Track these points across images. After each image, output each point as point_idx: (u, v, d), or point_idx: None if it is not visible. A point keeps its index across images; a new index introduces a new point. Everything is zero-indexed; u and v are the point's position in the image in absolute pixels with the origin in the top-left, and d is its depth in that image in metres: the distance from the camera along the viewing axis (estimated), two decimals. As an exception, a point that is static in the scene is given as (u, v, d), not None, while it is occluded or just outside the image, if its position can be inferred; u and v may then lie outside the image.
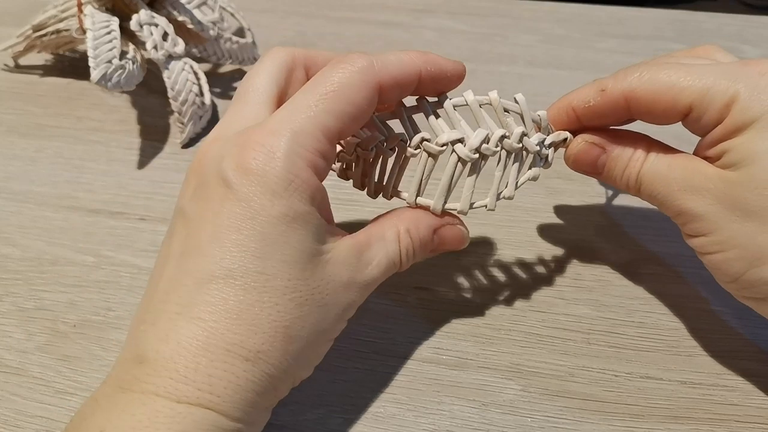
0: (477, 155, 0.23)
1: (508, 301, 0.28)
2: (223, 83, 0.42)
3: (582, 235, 0.31)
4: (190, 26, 0.38)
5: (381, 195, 0.25)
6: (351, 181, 0.25)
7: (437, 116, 0.23)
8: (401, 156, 0.24)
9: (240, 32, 0.44)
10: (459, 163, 0.23)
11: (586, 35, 0.47)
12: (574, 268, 0.30)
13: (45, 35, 0.40)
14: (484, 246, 0.31)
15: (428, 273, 0.29)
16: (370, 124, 0.24)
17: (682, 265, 0.30)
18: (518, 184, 0.24)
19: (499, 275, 0.29)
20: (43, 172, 0.35)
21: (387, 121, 0.24)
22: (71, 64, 0.44)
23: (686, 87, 0.22)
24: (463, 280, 0.29)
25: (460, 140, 0.23)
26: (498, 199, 0.24)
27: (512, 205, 0.33)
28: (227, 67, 0.44)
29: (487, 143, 0.23)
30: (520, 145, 0.23)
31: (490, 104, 0.23)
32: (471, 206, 0.24)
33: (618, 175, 0.24)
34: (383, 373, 0.26)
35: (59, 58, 0.44)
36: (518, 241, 0.31)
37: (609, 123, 0.25)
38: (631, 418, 0.24)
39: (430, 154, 0.23)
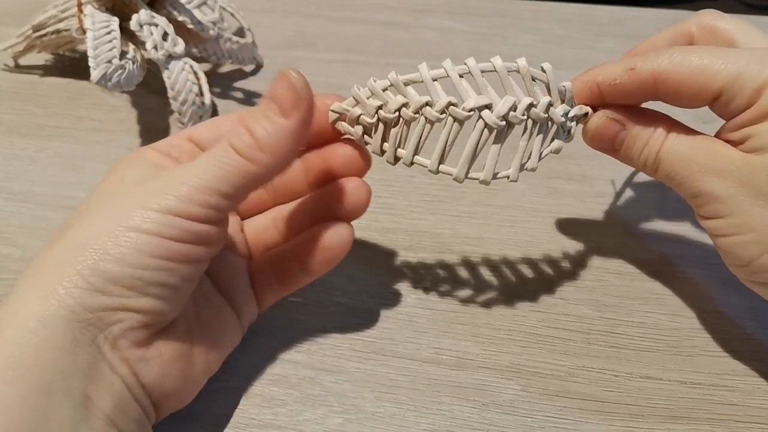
0: (504, 123, 0.22)
1: (508, 301, 0.28)
2: (223, 83, 0.42)
3: (582, 236, 0.31)
4: (190, 26, 0.38)
5: (401, 161, 0.24)
6: (369, 147, 0.24)
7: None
8: (425, 121, 0.23)
9: (240, 32, 0.44)
10: (485, 129, 0.22)
11: (586, 35, 0.47)
12: (575, 268, 0.30)
13: (45, 35, 0.40)
14: (484, 246, 0.31)
15: (428, 273, 0.29)
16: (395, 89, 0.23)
17: (683, 265, 0.30)
18: (541, 156, 0.24)
19: (500, 275, 0.29)
20: (43, 172, 0.35)
21: (410, 84, 0.23)
22: (71, 64, 0.44)
23: (718, 71, 0.22)
24: (463, 280, 0.29)
25: (488, 106, 0.22)
26: (521, 170, 0.23)
27: (512, 205, 0.33)
28: (227, 67, 0.44)
29: (515, 111, 0.22)
30: (546, 115, 0.23)
31: (518, 71, 0.23)
32: (494, 176, 0.23)
33: (636, 153, 0.24)
34: (383, 373, 0.26)
35: (59, 58, 0.44)
36: (519, 241, 0.31)
37: (633, 102, 0.24)
38: (631, 418, 0.24)
39: (456, 120, 0.22)
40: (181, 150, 0.24)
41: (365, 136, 0.24)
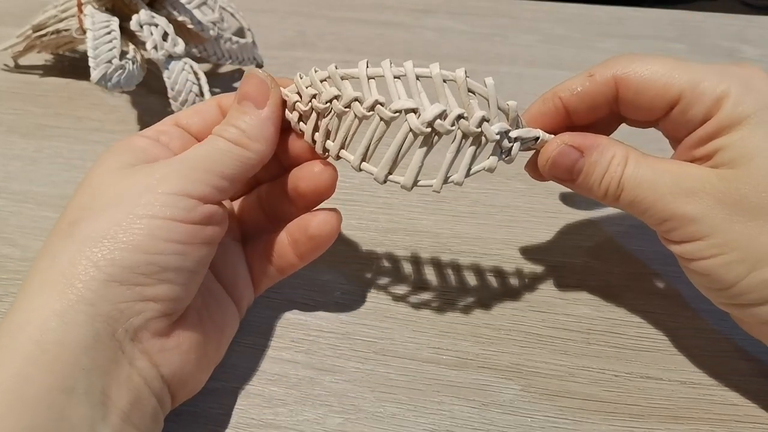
0: (429, 129, 0.22)
1: (508, 301, 0.28)
2: (223, 83, 0.42)
3: (582, 235, 0.31)
4: (190, 26, 0.38)
5: (329, 154, 0.24)
6: (304, 135, 0.25)
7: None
8: (354, 116, 0.23)
9: (240, 32, 0.44)
10: (410, 134, 0.22)
11: (586, 35, 0.47)
12: (575, 267, 0.30)
13: (45, 35, 0.40)
14: (484, 246, 0.31)
15: (428, 273, 0.29)
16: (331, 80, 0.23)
17: (682, 265, 0.30)
18: (470, 172, 0.23)
19: (499, 275, 0.29)
20: (43, 172, 0.35)
21: (348, 79, 0.23)
22: (71, 64, 0.44)
23: (678, 76, 0.22)
24: (462, 280, 0.29)
25: (414, 110, 0.22)
26: (446, 182, 0.23)
27: (512, 205, 0.33)
28: (227, 67, 0.44)
29: (443, 120, 0.22)
30: (479, 130, 0.22)
31: (455, 81, 0.22)
32: (415, 183, 0.23)
33: (596, 181, 0.23)
34: (383, 373, 0.26)
35: (59, 58, 0.44)
36: (518, 241, 0.31)
37: (596, 114, 0.24)
38: (631, 418, 0.24)
39: (382, 119, 0.22)
40: (171, 135, 0.24)
41: (300, 123, 0.24)
